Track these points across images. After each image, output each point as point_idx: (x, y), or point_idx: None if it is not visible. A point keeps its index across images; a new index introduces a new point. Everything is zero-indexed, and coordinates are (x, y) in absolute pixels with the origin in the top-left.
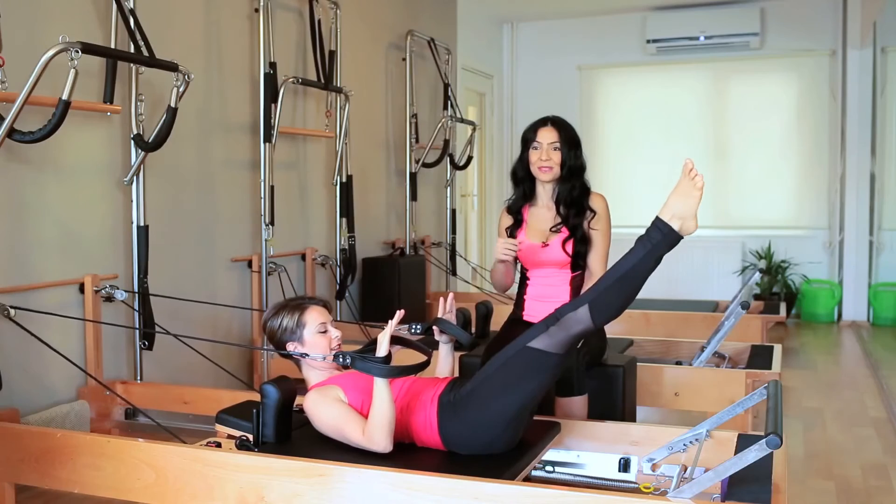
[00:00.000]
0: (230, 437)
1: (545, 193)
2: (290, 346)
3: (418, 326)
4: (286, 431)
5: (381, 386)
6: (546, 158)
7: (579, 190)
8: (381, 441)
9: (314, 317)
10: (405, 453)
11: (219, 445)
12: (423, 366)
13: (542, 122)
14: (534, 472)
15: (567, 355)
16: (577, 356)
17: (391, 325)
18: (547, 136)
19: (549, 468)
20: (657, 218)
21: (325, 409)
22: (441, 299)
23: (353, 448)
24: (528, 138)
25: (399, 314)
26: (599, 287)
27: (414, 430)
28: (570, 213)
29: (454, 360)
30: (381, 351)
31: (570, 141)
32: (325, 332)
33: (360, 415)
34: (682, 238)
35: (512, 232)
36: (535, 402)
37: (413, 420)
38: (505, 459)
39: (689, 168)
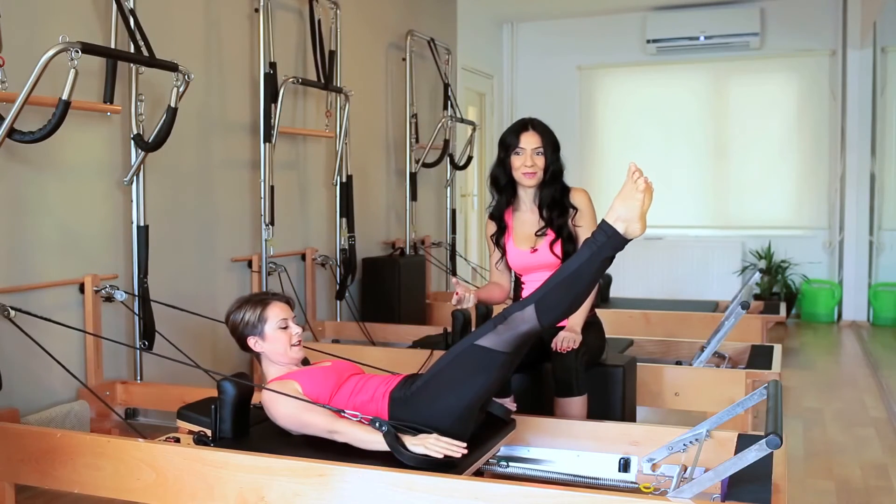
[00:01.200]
0: (190, 432)
1: (527, 198)
2: (251, 341)
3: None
4: (244, 427)
5: (380, 446)
6: (531, 164)
7: (560, 191)
8: (340, 438)
9: (276, 312)
10: (358, 448)
11: (178, 441)
12: (448, 465)
13: (523, 125)
14: (492, 469)
15: (516, 354)
16: (575, 357)
17: (446, 447)
18: (530, 140)
19: (503, 463)
20: (602, 220)
21: (283, 399)
22: None
23: (312, 443)
24: (510, 143)
25: (462, 450)
26: (546, 287)
27: None
28: (553, 215)
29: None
30: (417, 450)
31: (552, 145)
32: (285, 327)
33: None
34: (628, 241)
35: (498, 239)
36: (484, 398)
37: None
38: None
39: (632, 171)
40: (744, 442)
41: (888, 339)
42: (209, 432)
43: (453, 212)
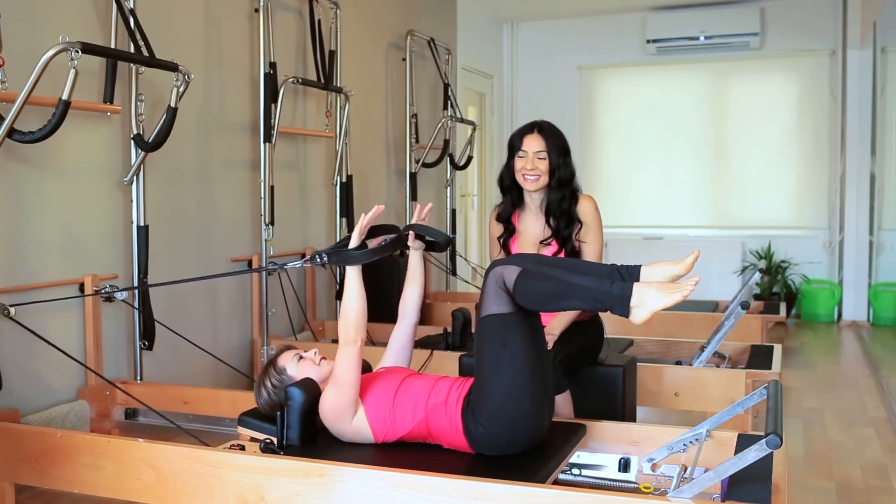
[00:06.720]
0: (253, 439)
1: (532, 201)
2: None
3: (389, 237)
4: (311, 434)
5: (352, 278)
6: (532, 168)
7: (569, 199)
8: (354, 336)
9: (286, 357)
10: (432, 455)
11: (242, 448)
12: (397, 242)
13: (529, 128)
14: (560, 476)
15: (524, 310)
16: (550, 359)
17: (367, 218)
18: (533, 143)
19: (575, 471)
20: (634, 284)
21: (325, 395)
22: (418, 206)
23: (380, 450)
24: (515, 145)
25: (377, 209)
26: (544, 270)
27: (440, 432)
28: (560, 225)
29: (426, 271)
30: (353, 243)
31: (558, 149)
32: (301, 358)
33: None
34: (627, 317)
35: (505, 241)
36: (535, 372)
37: (438, 422)
38: (532, 462)
39: (689, 271)
40: (744, 442)
41: (888, 339)
42: (275, 440)
43: (453, 212)
